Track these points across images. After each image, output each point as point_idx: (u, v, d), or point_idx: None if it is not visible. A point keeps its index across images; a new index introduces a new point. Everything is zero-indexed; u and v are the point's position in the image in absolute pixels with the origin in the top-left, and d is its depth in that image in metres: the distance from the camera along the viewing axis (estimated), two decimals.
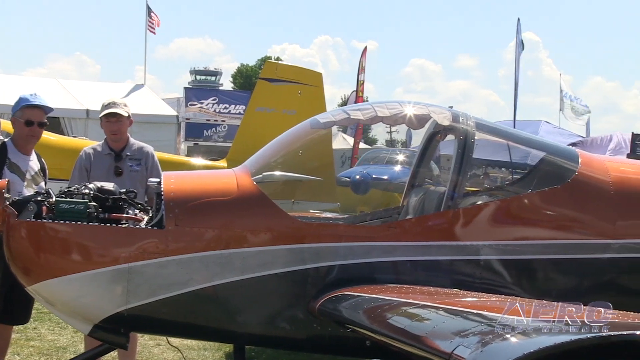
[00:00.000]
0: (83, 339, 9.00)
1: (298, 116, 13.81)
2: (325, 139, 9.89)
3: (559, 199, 7.20)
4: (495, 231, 7.01)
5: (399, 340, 5.09)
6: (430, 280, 6.67)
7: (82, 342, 9.57)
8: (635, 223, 7.35)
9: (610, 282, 7.17)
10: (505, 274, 6.94)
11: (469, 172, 7.41)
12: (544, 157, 7.71)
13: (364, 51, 34.54)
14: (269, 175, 7.62)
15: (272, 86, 17.21)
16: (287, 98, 16.81)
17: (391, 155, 19.13)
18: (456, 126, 7.47)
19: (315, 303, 6.48)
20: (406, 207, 8.19)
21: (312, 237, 6.77)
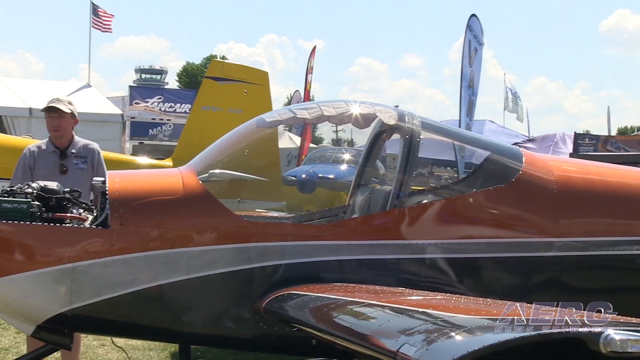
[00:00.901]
0: (25, 339, 8.90)
1: (244, 115, 13.77)
2: (272, 138, 9.92)
3: (503, 198, 7.26)
4: (440, 230, 7.05)
5: (344, 339, 5.10)
6: (376, 279, 6.68)
7: (24, 343, 9.46)
8: (577, 221, 7.43)
9: (553, 280, 7.24)
10: (451, 272, 6.98)
11: (415, 171, 7.45)
12: (488, 156, 7.76)
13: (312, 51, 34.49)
14: (214, 174, 7.60)
15: (218, 85, 17.12)
16: (233, 97, 16.73)
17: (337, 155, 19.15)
18: (402, 125, 7.50)
19: (261, 302, 6.47)
20: (352, 206, 8.20)
21: (258, 236, 6.76)
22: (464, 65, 22.33)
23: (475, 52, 23.21)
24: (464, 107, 22.32)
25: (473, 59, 23.07)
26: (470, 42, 22.63)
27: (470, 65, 22.77)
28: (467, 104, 22.73)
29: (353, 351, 5.06)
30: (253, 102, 16.26)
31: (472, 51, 22.93)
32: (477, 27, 23.06)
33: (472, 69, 22.95)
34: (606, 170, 8.13)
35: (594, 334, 3.95)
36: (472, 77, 23.00)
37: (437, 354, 4.03)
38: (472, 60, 22.90)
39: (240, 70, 17.78)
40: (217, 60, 33.52)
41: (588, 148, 27.64)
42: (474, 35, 22.85)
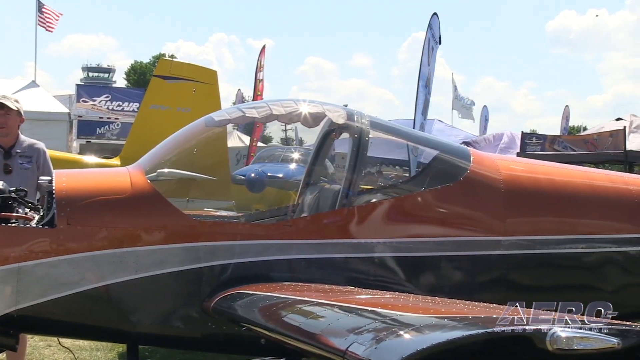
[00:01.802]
0: None
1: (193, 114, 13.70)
2: (220, 137, 9.88)
3: (452, 197, 7.30)
4: (389, 229, 7.07)
5: (294, 338, 5.09)
6: (325, 278, 6.69)
7: None
8: (524, 220, 7.50)
9: (501, 278, 7.30)
10: (399, 271, 7.01)
11: (364, 170, 7.47)
12: (437, 156, 7.81)
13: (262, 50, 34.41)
14: (163, 173, 7.57)
15: (166, 84, 17.05)
16: (181, 96, 16.67)
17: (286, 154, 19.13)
18: (351, 124, 7.51)
19: (210, 302, 6.45)
20: (301, 205, 8.20)
21: (206, 235, 6.74)
22: (422, 64, 22.35)
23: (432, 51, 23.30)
24: (419, 107, 22.36)
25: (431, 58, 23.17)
26: (429, 41, 22.71)
27: (428, 64, 22.86)
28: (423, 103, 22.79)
29: (302, 350, 5.05)
30: (202, 101, 16.21)
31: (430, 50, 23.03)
32: (437, 25, 23.16)
33: (429, 67, 23.04)
34: (553, 170, 8.21)
35: (540, 332, 3.99)
36: (429, 76, 23.09)
37: (386, 353, 4.04)
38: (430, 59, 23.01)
39: (189, 69, 17.73)
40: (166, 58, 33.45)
41: (535, 147, 27.90)
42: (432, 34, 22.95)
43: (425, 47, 22.50)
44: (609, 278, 7.65)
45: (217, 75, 17.53)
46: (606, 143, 26.71)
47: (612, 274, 7.66)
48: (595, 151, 27.00)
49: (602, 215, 7.73)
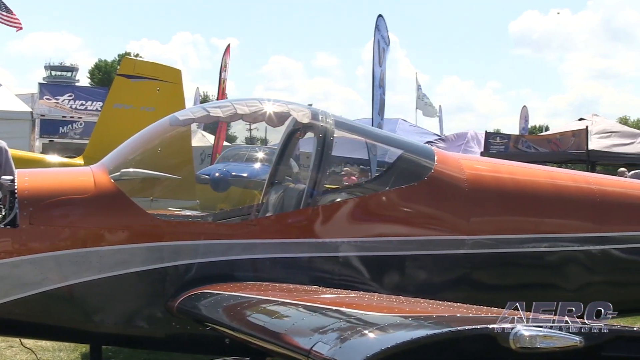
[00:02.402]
0: None
1: (157, 113, 13.66)
2: (185, 137, 9.82)
3: (416, 196, 7.33)
4: (353, 228, 7.08)
5: (258, 337, 5.09)
6: (289, 278, 6.70)
7: None
8: (488, 219, 7.55)
9: (465, 277, 7.34)
10: (364, 270, 7.02)
11: (328, 170, 7.47)
12: (401, 155, 7.82)
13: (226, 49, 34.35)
14: (126, 172, 7.53)
15: (130, 83, 16.97)
16: (145, 95, 16.60)
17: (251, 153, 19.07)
18: (315, 124, 7.52)
19: (174, 301, 6.44)
20: (266, 204, 8.19)
21: (170, 235, 6.73)
22: (374, 65, 22.57)
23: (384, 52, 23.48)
24: (376, 106, 22.56)
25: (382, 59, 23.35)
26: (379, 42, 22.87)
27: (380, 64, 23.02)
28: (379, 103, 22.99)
29: (266, 350, 5.05)
30: (166, 100, 16.15)
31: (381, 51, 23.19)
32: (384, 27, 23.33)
33: (381, 68, 23.21)
34: (516, 169, 8.27)
35: (504, 330, 4.01)
36: (382, 76, 23.26)
37: (350, 352, 4.04)
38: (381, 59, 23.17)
39: (153, 68, 17.66)
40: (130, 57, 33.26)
41: (499, 147, 28.08)
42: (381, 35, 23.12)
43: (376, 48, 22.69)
44: (571, 276, 7.72)
45: (181, 75, 17.48)
46: (569, 143, 26.95)
47: (575, 273, 7.72)
48: (558, 151, 27.23)
49: (565, 214, 7.79)
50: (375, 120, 22.18)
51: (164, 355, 9.67)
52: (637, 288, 8.09)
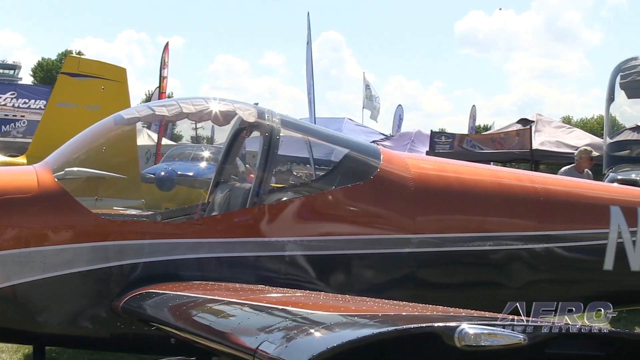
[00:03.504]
0: None
1: (101, 112, 13.60)
2: (130, 135, 9.78)
3: (362, 195, 7.34)
4: (299, 227, 7.09)
5: (204, 337, 5.07)
6: (235, 277, 6.69)
7: None
8: (433, 218, 7.58)
9: (410, 275, 7.37)
10: (310, 269, 7.03)
11: (274, 169, 7.47)
12: (347, 154, 7.84)
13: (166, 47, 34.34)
14: (71, 172, 7.47)
15: (74, 81, 16.85)
16: (90, 93, 16.51)
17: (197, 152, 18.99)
18: (261, 123, 7.51)
19: (119, 301, 6.39)
20: (212, 203, 8.17)
21: (115, 234, 6.68)
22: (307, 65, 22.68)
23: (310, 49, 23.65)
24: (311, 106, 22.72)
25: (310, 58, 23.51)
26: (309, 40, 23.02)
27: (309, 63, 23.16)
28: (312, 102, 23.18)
29: (212, 349, 5.04)
30: (111, 98, 16.09)
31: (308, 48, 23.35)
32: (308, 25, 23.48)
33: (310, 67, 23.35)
34: (461, 168, 8.32)
35: (449, 329, 4.03)
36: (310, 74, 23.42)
37: (297, 351, 4.04)
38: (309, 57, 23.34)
39: (98, 66, 17.57)
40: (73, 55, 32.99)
41: (444, 146, 28.22)
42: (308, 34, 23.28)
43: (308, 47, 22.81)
44: (515, 275, 7.79)
45: (126, 73, 17.43)
46: (513, 142, 27.15)
47: (519, 271, 7.79)
48: (503, 150, 27.43)
49: (509, 213, 7.87)
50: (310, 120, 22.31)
51: (109, 356, 9.60)
52: (580, 286, 8.19)
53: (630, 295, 8.26)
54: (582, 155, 15.43)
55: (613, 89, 17.79)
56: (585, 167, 15.15)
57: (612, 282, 8.15)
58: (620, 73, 17.76)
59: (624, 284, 8.24)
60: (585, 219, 8.12)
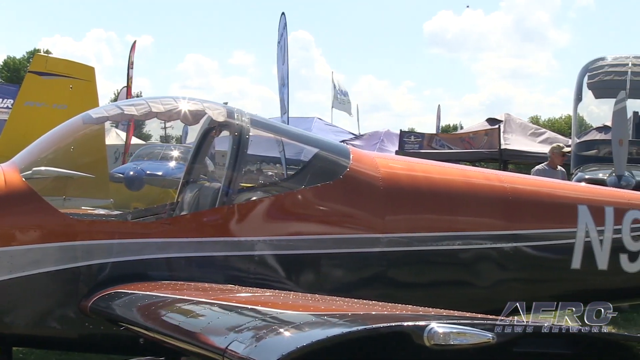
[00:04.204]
0: None
1: (69, 111, 13.50)
2: (98, 135, 9.73)
3: (331, 195, 7.35)
4: (269, 227, 7.08)
5: (172, 337, 5.06)
6: (205, 277, 6.67)
7: None
8: (403, 218, 7.61)
9: (380, 275, 7.39)
10: (280, 269, 7.03)
11: (244, 168, 7.47)
12: (317, 153, 7.85)
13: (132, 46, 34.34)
14: (39, 171, 7.42)
15: (42, 80, 16.72)
16: (57, 92, 16.38)
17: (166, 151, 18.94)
18: (231, 122, 7.50)
19: (88, 301, 6.36)
20: (181, 203, 8.15)
21: (84, 234, 6.65)
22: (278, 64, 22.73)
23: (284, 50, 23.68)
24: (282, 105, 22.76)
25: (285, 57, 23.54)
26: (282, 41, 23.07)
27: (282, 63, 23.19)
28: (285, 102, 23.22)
29: (181, 349, 5.03)
30: (79, 97, 15.98)
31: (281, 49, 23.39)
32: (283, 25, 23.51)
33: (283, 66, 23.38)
34: (430, 168, 8.36)
35: (418, 328, 4.04)
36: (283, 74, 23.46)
37: (266, 351, 4.04)
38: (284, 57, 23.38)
39: (66, 65, 17.43)
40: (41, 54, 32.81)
41: (413, 145, 28.30)
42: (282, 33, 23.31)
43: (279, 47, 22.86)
44: (484, 274, 7.83)
45: (94, 72, 17.32)
46: (482, 141, 27.30)
47: (488, 270, 7.83)
48: (471, 149, 27.56)
49: (478, 212, 7.91)
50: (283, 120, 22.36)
51: (77, 356, 9.55)
52: (549, 284, 8.24)
53: (597, 294, 8.31)
54: (554, 151, 15.64)
55: (581, 89, 17.96)
56: (558, 163, 15.30)
57: (579, 281, 8.21)
58: (588, 73, 17.94)
59: (591, 283, 8.30)
60: (553, 218, 8.17)
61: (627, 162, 13.95)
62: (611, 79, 17.66)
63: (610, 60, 18.19)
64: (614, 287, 8.42)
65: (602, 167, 15.25)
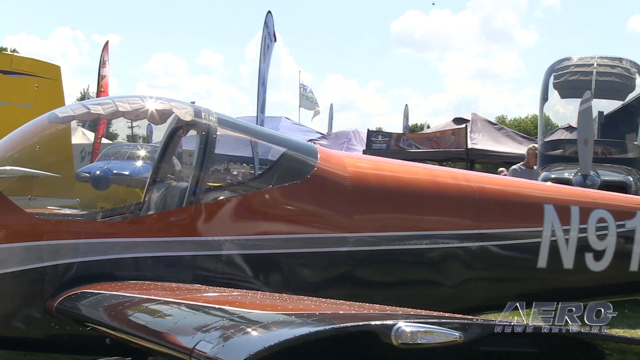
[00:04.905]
0: None
1: (35, 110, 13.44)
2: (64, 134, 9.67)
3: (299, 194, 7.35)
4: (236, 226, 7.07)
5: (139, 337, 5.04)
6: (172, 276, 6.66)
7: None
8: (370, 217, 7.62)
9: (348, 274, 7.40)
10: (247, 268, 7.02)
11: (211, 168, 7.45)
12: (284, 153, 7.85)
13: (105, 46, 34.16)
14: (3, 170, 7.38)
15: (7, 79, 16.63)
16: (23, 91, 16.31)
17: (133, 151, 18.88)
18: (198, 122, 7.48)
19: (54, 302, 6.32)
20: (148, 202, 8.11)
21: (50, 234, 6.60)
22: (260, 62, 22.66)
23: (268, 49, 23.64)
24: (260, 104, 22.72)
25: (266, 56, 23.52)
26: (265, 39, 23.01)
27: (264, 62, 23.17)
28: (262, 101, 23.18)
29: (148, 349, 5.01)
30: (45, 96, 15.91)
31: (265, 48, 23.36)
32: (271, 23, 23.47)
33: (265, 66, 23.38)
34: (398, 167, 8.37)
35: (385, 327, 4.05)
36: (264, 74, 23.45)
37: (233, 350, 4.03)
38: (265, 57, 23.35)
39: (31, 64, 17.36)
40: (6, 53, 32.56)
41: (381, 145, 28.38)
42: (268, 32, 23.25)
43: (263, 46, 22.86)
44: (451, 273, 7.86)
45: (60, 71, 17.27)
46: (449, 141, 27.44)
47: (455, 269, 7.85)
48: (439, 149, 27.69)
49: (445, 211, 7.93)
50: (259, 119, 22.35)
51: (43, 357, 9.49)
52: (515, 283, 8.29)
53: (563, 293, 8.37)
54: (529, 152, 16.31)
55: (547, 88, 18.06)
56: (533, 164, 15.70)
57: (546, 280, 8.26)
58: (554, 73, 18.04)
59: (557, 282, 8.35)
60: (520, 218, 8.21)
61: (592, 162, 14.05)
62: (577, 79, 17.77)
63: (576, 61, 18.29)
64: (580, 285, 8.48)
65: (567, 167, 15.35)
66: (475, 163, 29.04)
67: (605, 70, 17.82)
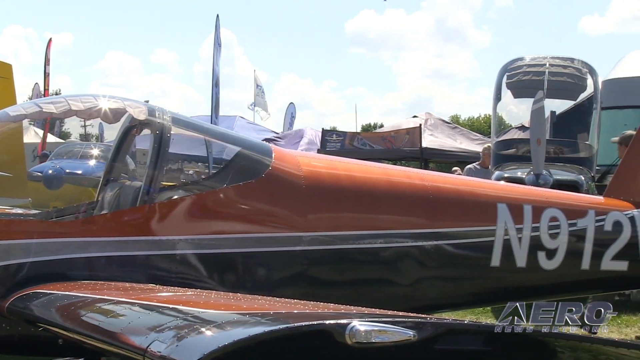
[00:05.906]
0: None
1: None
2: (16, 133, 9.58)
3: (253, 193, 7.35)
4: (191, 225, 7.05)
5: (92, 337, 5.02)
6: (126, 276, 6.62)
7: None
8: (325, 216, 7.63)
9: (302, 273, 7.41)
10: (201, 268, 7.00)
11: (165, 167, 7.42)
12: (239, 152, 7.84)
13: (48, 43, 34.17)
14: None
15: None
16: None
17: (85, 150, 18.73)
18: (152, 120, 7.45)
19: (5, 302, 6.26)
20: (101, 202, 8.05)
21: (1, 234, 6.54)
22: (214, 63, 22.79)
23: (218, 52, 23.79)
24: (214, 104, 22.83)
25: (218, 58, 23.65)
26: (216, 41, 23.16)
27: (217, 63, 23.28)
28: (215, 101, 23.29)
29: (101, 350, 4.99)
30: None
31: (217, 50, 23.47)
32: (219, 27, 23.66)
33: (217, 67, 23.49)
34: (352, 166, 8.39)
35: (340, 326, 4.06)
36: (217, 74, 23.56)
37: (187, 350, 4.03)
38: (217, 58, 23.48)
39: None
40: None
41: (335, 144, 28.40)
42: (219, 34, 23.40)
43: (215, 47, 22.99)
44: (405, 272, 7.89)
45: (12, 69, 17.11)
46: (403, 140, 27.52)
47: (409, 268, 7.89)
48: (393, 148, 27.77)
49: (399, 210, 7.97)
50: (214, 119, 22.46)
51: None
52: (469, 282, 8.36)
53: (516, 292, 8.44)
54: (485, 152, 16.57)
55: (500, 88, 18.18)
56: (489, 163, 15.88)
57: (499, 279, 8.33)
58: (507, 73, 18.15)
59: (510, 280, 8.43)
60: (473, 217, 8.27)
61: (545, 161, 14.17)
62: (529, 79, 17.88)
63: (529, 61, 18.40)
64: (533, 284, 8.56)
65: (520, 166, 15.46)
66: (429, 162, 29.17)
67: (558, 70, 17.94)
